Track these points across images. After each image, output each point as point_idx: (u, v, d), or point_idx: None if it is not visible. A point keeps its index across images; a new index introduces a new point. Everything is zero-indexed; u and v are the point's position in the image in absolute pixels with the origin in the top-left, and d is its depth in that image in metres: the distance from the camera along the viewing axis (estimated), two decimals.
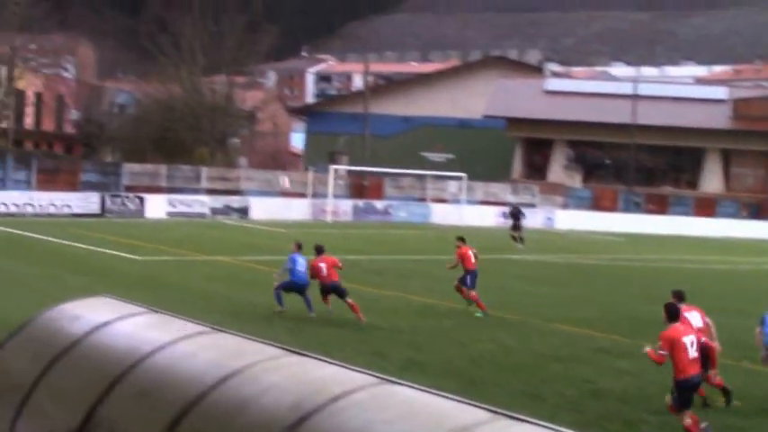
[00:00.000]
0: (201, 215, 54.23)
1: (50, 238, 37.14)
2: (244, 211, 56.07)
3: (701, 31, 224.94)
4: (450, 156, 79.78)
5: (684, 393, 13.28)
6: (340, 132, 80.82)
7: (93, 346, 8.57)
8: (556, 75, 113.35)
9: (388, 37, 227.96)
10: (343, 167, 66.77)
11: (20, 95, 66.55)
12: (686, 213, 66.74)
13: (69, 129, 78.46)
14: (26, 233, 38.48)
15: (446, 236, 51.43)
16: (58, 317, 9.31)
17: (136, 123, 73.17)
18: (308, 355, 7.61)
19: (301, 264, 22.14)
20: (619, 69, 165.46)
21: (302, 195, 60.78)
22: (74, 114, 73.52)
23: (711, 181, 77.97)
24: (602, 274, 35.87)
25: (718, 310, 26.56)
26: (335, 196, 60.25)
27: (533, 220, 61.66)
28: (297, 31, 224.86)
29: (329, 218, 57.61)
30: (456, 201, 64.15)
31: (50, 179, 53.42)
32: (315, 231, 47.88)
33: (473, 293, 24.14)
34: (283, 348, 7.79)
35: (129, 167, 57.86)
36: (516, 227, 47.68)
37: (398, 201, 63.12)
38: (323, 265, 21.80)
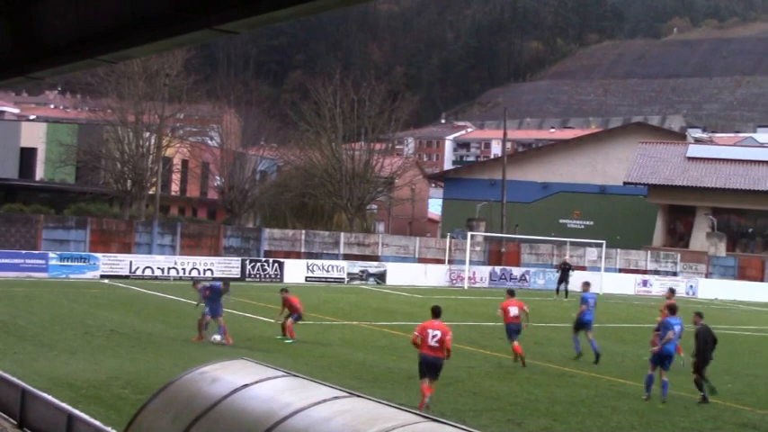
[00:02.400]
0: (339, 280, 54.75)
1: (192, 302, 37.96)
2: (381, 277, 56.39)
3: None
4: (589, 222, 78.88)
5: None
6: (477, 199, 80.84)
7: (231, 409, 8.68)
8: (699, 141, 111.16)
9: (527, 104, 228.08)
10: (480, 234, 66.65)
11: (167, 163, 68.77)
12: None
13: (213, 195, 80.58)
14: (169, 296, 39.47)
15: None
16: (198, 378, 9.47)
17: (276, 190, 74.61)
18: (444, 422, 7.54)
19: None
20: (764, 136, 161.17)
21: (439, 261, 60.88)
22: (217, 181, 75.48)
23: None
24: (747, 345, 34.66)
25: None
26: (472, 262, 60.13)
27: (677, 288, 60.36)
28: (436, 99, 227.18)
29: (466, 284, 57.45)
30: (595, 268, 63.18)
31: (194, 244, 54.83)
32: (451, 298, 47.81)
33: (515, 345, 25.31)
34: (419, 414, 7.74)
35: (270, 233, 58.97)
36: (563, 280, 54.04)
37: (536, 267, 62.55)
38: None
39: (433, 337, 18.61)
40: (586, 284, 28.19)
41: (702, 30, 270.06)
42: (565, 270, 55.97)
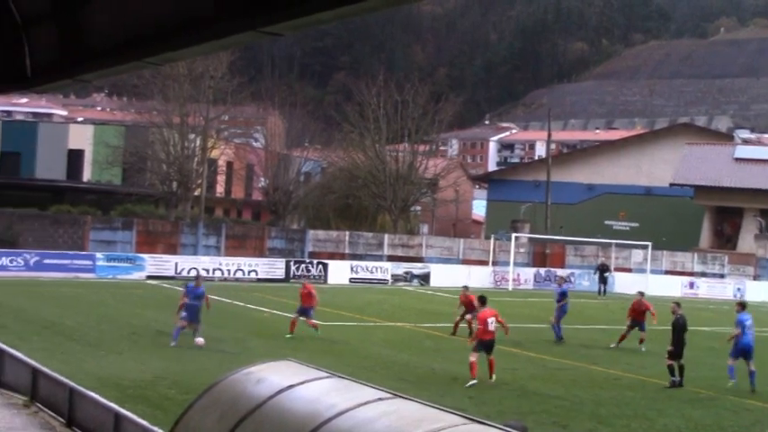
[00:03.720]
0: (383, 281, 54.79)
1: (237, 302, 38.19)
2: (425, 278, 56.36)
3: None
4: (635, 224, 78.30)
5: None
6: (522, 200, 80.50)
7: (276, 409, 8.71)
8: (746, 142, 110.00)
9: (572, 105, 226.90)
10: (524, 235, 66.40)
11: (212, 164, 69.16)
12: None
13: (257, 196, 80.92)
14: (214, 297, 39.65)
15: (629, 306, 50.33)
16: (243, 379, 9.52)
17: (321, 191, 74.79)
18: (488, 424, 7.52)
19: None
20: None
21: (483, 263, 60.73)
22: (262, 182, 75.78)
23: None
24: None
25: None
26: (516, 264, 59.92)
27: (722, 290, 59.78)
28: (480, 100, 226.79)
29: (510, 285, 57.26)
30: (640, 270, 62.71)
31: (239, 245, 55.14)
32: (496, 299, 47.57)
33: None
34: (463, 416, 7.72)
35: (314, 234, 59.16)
36: (603, 281, 57.52)
37: (581, 269, 62.20)
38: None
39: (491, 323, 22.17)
40: (742, 305, 25.05)
41: (750, 29, 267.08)
42: (602, 271, 58.63)
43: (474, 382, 21.55)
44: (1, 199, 61.42)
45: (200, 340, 25.17)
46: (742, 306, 24.75)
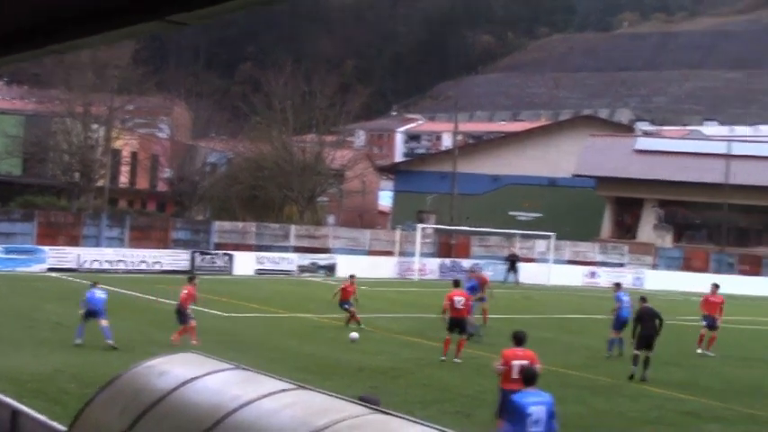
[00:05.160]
0: (289, 272, 54.68)
1: (141, 295, 37.77)
2: (331, 269, 56.39)
3: None
4: (539, 214, 79.39)
5: None
6: (428, 191, 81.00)
7: (179, 402, 8.67)
8: (647, 134, 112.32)
9: (478, 96, 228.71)
10: (430, 226, 66.85)
11: (116, 155, 68.21)
12: None
13: (162, 187, 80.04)
14: (118, 289, 39.17)
15: (533, 295, 51.16)
16: (146, 372, 9.45)
17: (226, 182, 74.29)
18: (392, 414, 7.59)
19: None
20: (711, 128, 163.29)
21: (390, 253, 60.98)
22: (167, 173, 74.98)
23: None
24: (692, 335, 35.13)
25: None
26: (422, 254, 60.32)
27: (622, 280, 60.92)
28: (387, 91, 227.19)
29: (416, 276, 57.62)
30: (544, 260, 63.67)
31: (143, 236, 54.44)
32: (401, 290, 47.96)
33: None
34: (367, 407, 7.79)
35: (219, 225, 58.72)
36: (511, 270, 58.89)
37: (485, 259, 62.88)
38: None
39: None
40: (618, 285, 30.19)
41: (652, 23, 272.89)
42: (512, 261, 59.48)
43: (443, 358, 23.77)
44: None
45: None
46: (618, 286, 29.57)
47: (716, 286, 30.80)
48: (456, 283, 27.04)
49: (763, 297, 57.32)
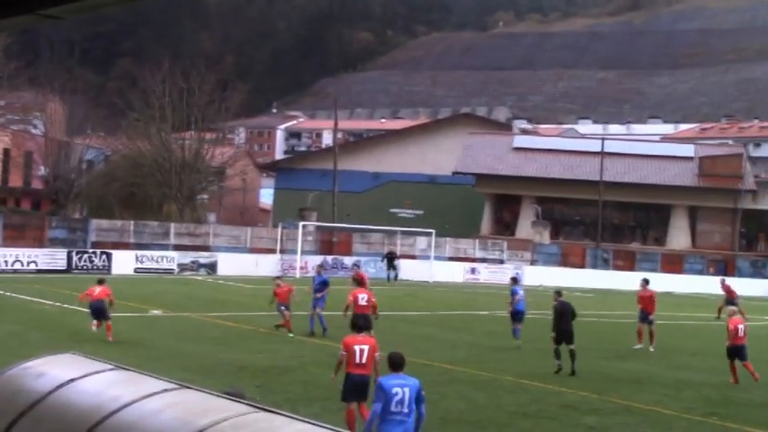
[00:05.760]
0: (169, 271, 54.03)
1: (16, 295, 36.82)
2: (212, 267, 55.92)
3: (667, 90, 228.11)
4: (419, 212, 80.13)
5: None
6: (309, 189, 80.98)
7: (57, 404, 8.47)
8: (524, 132, 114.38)
9: (358, 94, 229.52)
10: (311, 224, 66.81)
11: None
12: (654, 269, 67.00)
13: (37, 185, 78.11)
14: None
15: (414, 292, 51.56)
16: (22, 374, 9.20)
17: (104, 180, 72.96)
18: (275, 412, 7.55)
19: None
20: (586, 127, 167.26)
21: (271, 251, 60.75)
22: (42, 171, 73.21)
23: (678, 237, 78.60)
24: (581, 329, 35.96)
25: (689, 367, 26.76)
26: (304, 252, 60.26)
27: (501, 276, 61.89)
28: (267, 88, 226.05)
29: (298, 273, 57.51)
30: (425, 257, 64.23)
31: (17, 235, 53.08)
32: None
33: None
34: (251, 405, 7.74)
35: (97, 224, 57.62)
36: (390, 268, 59.31)
37: (367, 257, 63.13)
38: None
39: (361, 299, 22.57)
40: (514, 279, 31.36)
41: (527, 24, 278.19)
42: (390, 259, 60.13)
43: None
44: None
45: None
46: (514, 281, 30.96)
47: (645, 281, 31.82)
48: (358, 282, 27.40)
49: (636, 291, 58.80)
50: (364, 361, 15.77)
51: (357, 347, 15.83)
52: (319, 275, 31.68)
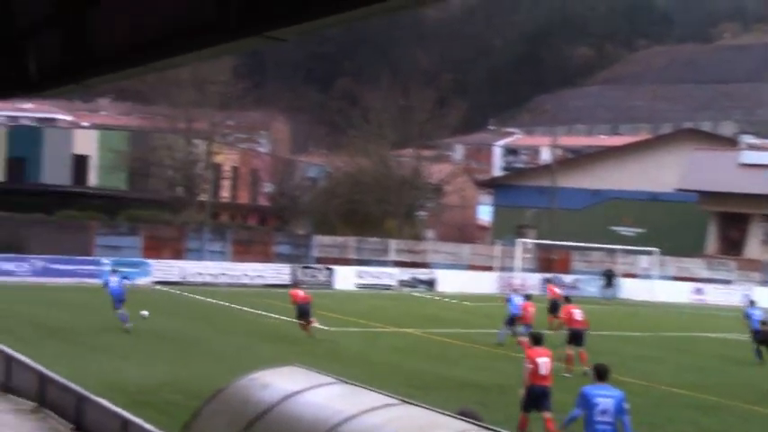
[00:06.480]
0: (389, 287, 54.70)
1: (243, 308, 38.14)
2: (431, 284, 56.26)
3: None
4: (641, 230, 78.13)
5: None
6: (527, 205, 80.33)
7: (283, 415, 8.64)
8: (752, 147, 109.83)
9: (576, 110, 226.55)
10: (530, 241, 66.30)
11: (217, 169, 69.14)
12: None
13: (263, 201, 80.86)
14: (220, 302, 39.68)
15: (636, 312, 50.28)
16: (250, 385, 9.45)
17: (326, 196, 74.68)
18: (495, 430, 7.43)
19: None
20: None
21: (489, 269, 60.61)
22: (267, 187, 75.73)
23: None
24: None
25: None
26: (523, 270, 59.81)
27: (730, 297, 59.57)
28: (485, 105, 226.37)
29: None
30: (647, 276, 62.57)
31: (244, 250, 55.06)
32: (502, 305, 47.51)
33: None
34: (473, 423, 7.65)
35: (320, 239, 59.09)
36: (608, 286, 58.71)
37: (587, 275, 62.06)
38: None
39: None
40: (752, 302, 32.21)
41: (754, 34, 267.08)
42: (608, 277, 59.63)
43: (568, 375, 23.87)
44: (7, 204, 61.40)
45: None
46: (752, 303, 31.92)
47: None
48: (567, 299, 28.78)
49: None
50: (547, 372, 16.88)
51: (541, 360, 16.89)
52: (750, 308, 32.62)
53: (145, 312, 29.56)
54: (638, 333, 38.68)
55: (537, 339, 17.73)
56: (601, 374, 13.66)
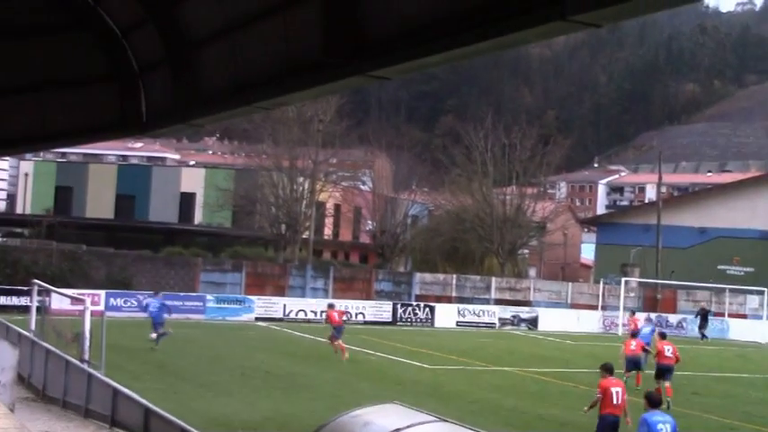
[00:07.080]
0: (490, 325, 54.37)
1: (344, 345, 38.26)
2: (532, 322, 55.77)
3: None
4: (750, 269, 76.31)
5: None
6: (631, 244, 79.19)
7: None
8: None
9: (683, 147, 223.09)
10: (634, 279, 65.28)
11: (320, 207, 69.79)
12: None
13: (365, 239, 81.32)
14: (321, 339, 39.88)
15: (745, 353, 49.02)
16: (350, 422, 9.51)
17: (428, 234, 74.74)
18: None
19: None
20: None
21: (592, 307, 59.85)
22: (369, 225, 76.14)
23: None
24: None
25: None
26: (626, 309, 58.86)
27: None
28: (588, 143, 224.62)
29: (620, 331, 56.22)
30: (756, 316, 61.01)
31: (346, 287, 55.41)
32: (605, 344, 46.85)
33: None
34: None
35: (421, 277, 59.12)
36: (703, 325, 56.57)
37: (693, 315, 60.80)
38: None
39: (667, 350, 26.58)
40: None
41: None
42: (704, 315, 57.68)
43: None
44: (116, 241, 63.01)
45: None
46: None
47: None
48: (662, 335, 28.68)
49: None
50: (620, 402, 17.63)
51: (614, 390, 17.70)
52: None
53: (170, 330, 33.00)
54: (747, 374, 37.71)
55: (609, 369, 18.32)
56: (653, 402, 14.98)
